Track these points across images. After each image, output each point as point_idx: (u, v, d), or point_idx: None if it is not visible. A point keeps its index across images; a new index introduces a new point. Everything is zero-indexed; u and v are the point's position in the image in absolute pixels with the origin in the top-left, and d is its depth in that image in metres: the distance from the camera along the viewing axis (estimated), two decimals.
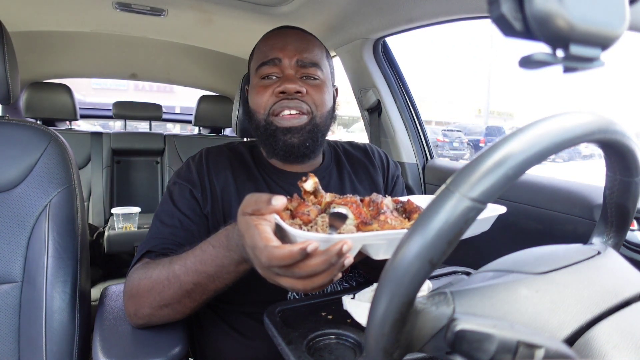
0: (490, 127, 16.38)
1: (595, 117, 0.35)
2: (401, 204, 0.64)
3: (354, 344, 0.57)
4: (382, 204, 0.59)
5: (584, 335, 0.35)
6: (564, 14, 0.26)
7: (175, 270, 0.64)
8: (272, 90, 0.82)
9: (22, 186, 0.87)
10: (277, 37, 0.87)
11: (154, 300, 0.67)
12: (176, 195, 0.80)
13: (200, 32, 1.76)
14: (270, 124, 0.82)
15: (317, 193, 0.62)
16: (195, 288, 0.63)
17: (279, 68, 0.83)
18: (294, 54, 0.83)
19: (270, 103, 0.82)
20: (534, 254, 0.44)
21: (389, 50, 1.59)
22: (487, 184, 0.30)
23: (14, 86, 0.90)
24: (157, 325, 0.74)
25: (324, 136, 0.88)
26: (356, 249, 0.54)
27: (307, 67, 0.84)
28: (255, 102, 0.85)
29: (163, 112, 2.70)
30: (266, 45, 0.86)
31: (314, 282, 0.46)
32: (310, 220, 0.56)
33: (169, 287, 0.65)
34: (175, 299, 0.66)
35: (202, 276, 0.62)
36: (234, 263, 0.59)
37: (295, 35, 0.87)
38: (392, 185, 0.99)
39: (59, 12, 1.55)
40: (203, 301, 0.67)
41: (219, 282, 0.62)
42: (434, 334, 0.33)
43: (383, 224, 0.56)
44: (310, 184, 0.61)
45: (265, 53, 0.85)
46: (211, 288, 0.63)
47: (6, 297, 0.84)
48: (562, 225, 1.01)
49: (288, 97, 0.81)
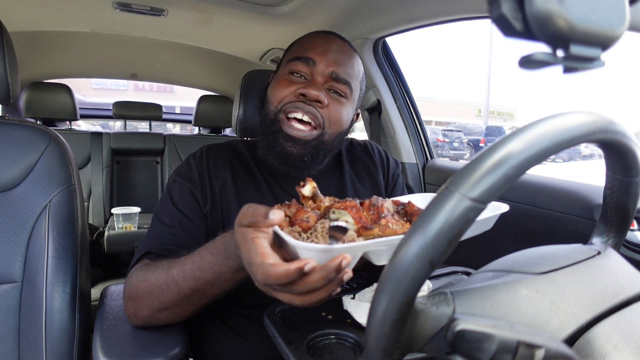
0: (490, 127, 16.39)
1: (595, 117, 0.35)
2: (402, 206, 0.63)
3: (354, 344, 0.57)
4: (383, 207, 0.58)
5: (584, 335, 0.35)
6: (564, 14, 0.26)
7: (174, 275, 0.64)
8: (295, 88, 0.79)
9: (22, 186, 0.87)
10: (322, 39, 0.84)
11: (153, 303, 0.67)
12: (175, 194, 0.80)
13: (200, 32, 1.75)
14: (277, 122, 0.79)
15: (316, 198, 0.61)
16: (194, 294, 0.63)
17: (310, 70, 0.80)
18: (331, 64, 0.80)
19: (287, 99, 0.79)
20: (534, 254, 0.44)
21: (389, 50, 1.58)
22: (487, 184, 0.30)
23: (14, 86, 0.90)
24: (157, 325, 0.74)
25: (326, 155, 0.84)
26: (357, 257, 0.53)
27: (339, 82, 0.81)
28: (273, 92, 0.82)
29: (163, 112, 2.70)
30: (308, 42, 0.83)
31: (312, 298, 0.46)
32: (309, 227, 0.55)
33: (168, 291, 0.65)
34: (174, 303, 0.66)
35: (200, 282, 0.62)
36: (231, 271, 0.58)
37: (341, 46, 0.84)
38: (393, 184, 0.99)
39: (59, 12, 1.55)
40: (202, 305, 0.67)
41: (217, 288, 0.62)
42: (434, 334, 0.33)
43: (384, 229, 0.55)
44: (308, 189, 0.60)
45: (303, 48, 0.82)
46: (209, 294, 0.63)
47: (6, 297, 0.84)
48: (562, 225, 1.01)
49: (306, 102, 0.78)
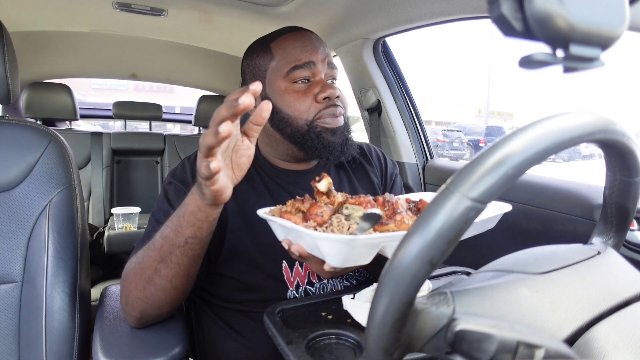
0: (490, 127, 16.39)
1: (595, 117, 0.35)
2: (413, 203, 0.64)
3: (354, 344, 0.57)
4: (397, 203, 0.59)
5: (584, 335, 0.35)
6: (564, 14, 0.26)
7: (153, 240, 0.68)
8: (313, 95, 0.81)
9: (22, 186, 0.87)
10: (303, 39, 0.84)
11: (139, 279, 0.68)
12: (172, 195, 0.80)
13: (200, 32, 1.75)
14: (315, 127, 0.81)
15: (330, 193, 0.62)
16: (164, 244, 0.65)
17: (311, 71, 0.82)
18: (324, 57, 0.83)
19: (314, 110, 0.81)
20: (534, 254, 0.44)
21: (389, 50, 1.59)
22: (487, 183, 0.30)
23: (14, 86, 0.90)
24: (156, 324, 0.74)
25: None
26: (375, 250, 0.54)
27: (333, 68, 0.85)
28: (294, 108, 0.81)
29: (163, 112, 2.70)
30: (295, 48, 0.83)
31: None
32: (324, 221, 0.56)
33: (148, 258, 0.67)
34: (152, 267, 0.66)
35: (167, 229, 0.65)
36: (191, 206, 0.62)
37: (316, 37, 0.87)
38: (391, 185, 0.99)
39: (59, 12, 1.55)
40: (177, 269, 0.66)
41: (187, 229, 0.63)
42: (434, 334, 0.33)
43: (400, 224, 0.56)
44: (324, 184, 0.61)
45: (296, 56, 0.82)
46: (177, 242, 0.64)
47: (6, 297, 0.84)
48: (562, 225, 1.01)
49: (333, 104, 0.82)
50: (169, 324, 0.75)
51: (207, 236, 0.65)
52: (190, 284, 0.71)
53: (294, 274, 0.80)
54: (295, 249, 0.60)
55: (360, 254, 0.54)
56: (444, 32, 39.47)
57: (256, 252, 0.79)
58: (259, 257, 0.79)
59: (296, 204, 0.62)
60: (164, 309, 0.71)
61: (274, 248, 0.74)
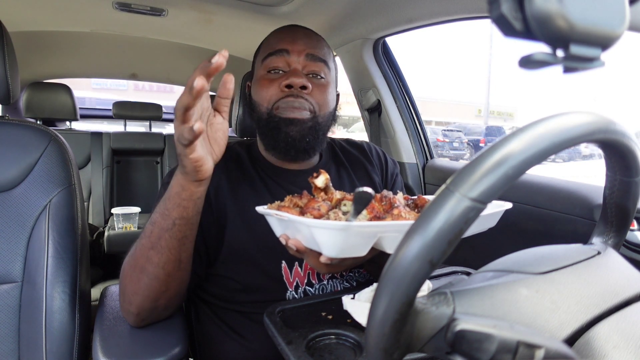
0: (490, 127, 16.38)
1: (595, 117, 0.35)
2: (412, 200, 0.64)
3: (354, 344, 0.57)
4: (395, 199, 0.59)
5: (584, 335, 0.35)
6: (564, 14, 0.26)
7: (144, 228, 0.68)
8: (278, 84, 0.81)
9: (22, 186, 0.87)
10: (286, 31, 0.87)
11: (133, 271, 0.68)
12: None
13: (200, 32, 1.75)
14: (273, 116, 0.81)
15: (328, 190, 0.62)
16: (153, 229, 0.65)
17: (286, 61, 0.82)
18: (304, 49, 0.83)
19: (275, 97, 0.81)
20: (534, 254, 0.44)
21: (389, 50, 1.59)
22: (487, 183, 0.29)
23: (14, 86, 0.90)
24: (156, 324, 0.74)
25: (325, 135, 0.88)
26: (371, 240, 0.54)
27: (316, 61, 0.83)
28: (259, 95, 0.83)
29: (163, 112, 2.70)
30: (275, 38, 0.86)
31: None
32: (321, 214, 0.56)
33: (140, 247, 0.67)
34: (144, 255, 0.66)
35: (156, 215, 0.66)
36: (175, 187, 0.62)
37: (305, 32, 0.87)
38: (392, 184, 0.99)
39: (59, 12, 1.55)
40: (168, 254, 0.65)
41: (170, 214, 0.63)
42: (434, 334, 0.33)
43: (397, 218, 0.56)
44: (321, 180, 0.61)
45: (272, 45, 0.84)
46: (165, 226, 0.64)
47: (6, 297, 0.84)
48: (562, 225, 1.01)
49: (293, 94, 0.80)
50: (169, 324, 0.75)
51: (193, 216, 0.65)
52: (183, 271, 0.70)
53: (293, 274, 0.80)
54: (293, 243, 0.59)
55: (356, 243, 0.54)
56: (444, 32, 39.49)
57: (256, 252, 0.79)
58: (259, 257, 0.79)
59: (294, 200, 0.62)
60: (160, 300, 0.70)
61: (273, 248, 0.74)
